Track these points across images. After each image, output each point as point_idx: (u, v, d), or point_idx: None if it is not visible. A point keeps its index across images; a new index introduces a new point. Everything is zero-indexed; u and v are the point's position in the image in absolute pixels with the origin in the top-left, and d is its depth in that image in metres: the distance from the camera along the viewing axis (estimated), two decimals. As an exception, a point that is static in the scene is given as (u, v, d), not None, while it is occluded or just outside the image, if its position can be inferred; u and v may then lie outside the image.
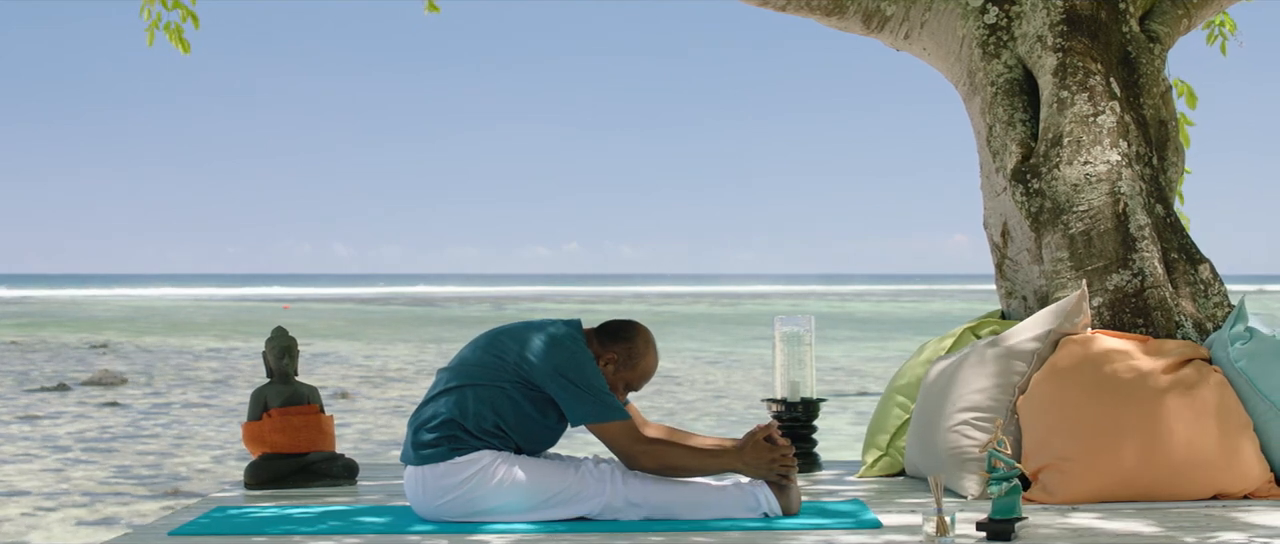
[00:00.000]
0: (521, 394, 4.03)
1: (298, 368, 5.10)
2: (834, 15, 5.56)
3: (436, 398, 4.09)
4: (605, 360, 4.14)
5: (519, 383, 4.03)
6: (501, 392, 4.03)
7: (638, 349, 4.17)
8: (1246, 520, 4.03)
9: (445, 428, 4.03)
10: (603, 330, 4.19)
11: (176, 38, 6.05)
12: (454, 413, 4.03)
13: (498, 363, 4.05)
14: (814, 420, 5.27)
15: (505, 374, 4.03)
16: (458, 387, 4.06)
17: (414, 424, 4.11)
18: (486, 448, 4.03)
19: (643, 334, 4.21)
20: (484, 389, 4.03)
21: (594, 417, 4.01)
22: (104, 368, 20.01)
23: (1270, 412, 4.45)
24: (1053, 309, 4.67)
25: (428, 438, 4.04)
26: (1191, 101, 6.85)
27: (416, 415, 4.12)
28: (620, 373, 4.16)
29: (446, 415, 4.03)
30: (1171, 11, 5.48)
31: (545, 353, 4.02)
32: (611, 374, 4.15)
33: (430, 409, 4.08)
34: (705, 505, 4.04)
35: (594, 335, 4.17)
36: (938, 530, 3.63)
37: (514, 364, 4.03)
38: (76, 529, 8.13)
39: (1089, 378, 4.43)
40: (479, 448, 4.02)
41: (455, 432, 4.02)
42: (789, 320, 5.31)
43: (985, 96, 5.34)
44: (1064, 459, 4.34)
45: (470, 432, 4.02)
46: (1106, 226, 4.98)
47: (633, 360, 4.17)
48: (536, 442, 4.12)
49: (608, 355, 4.14)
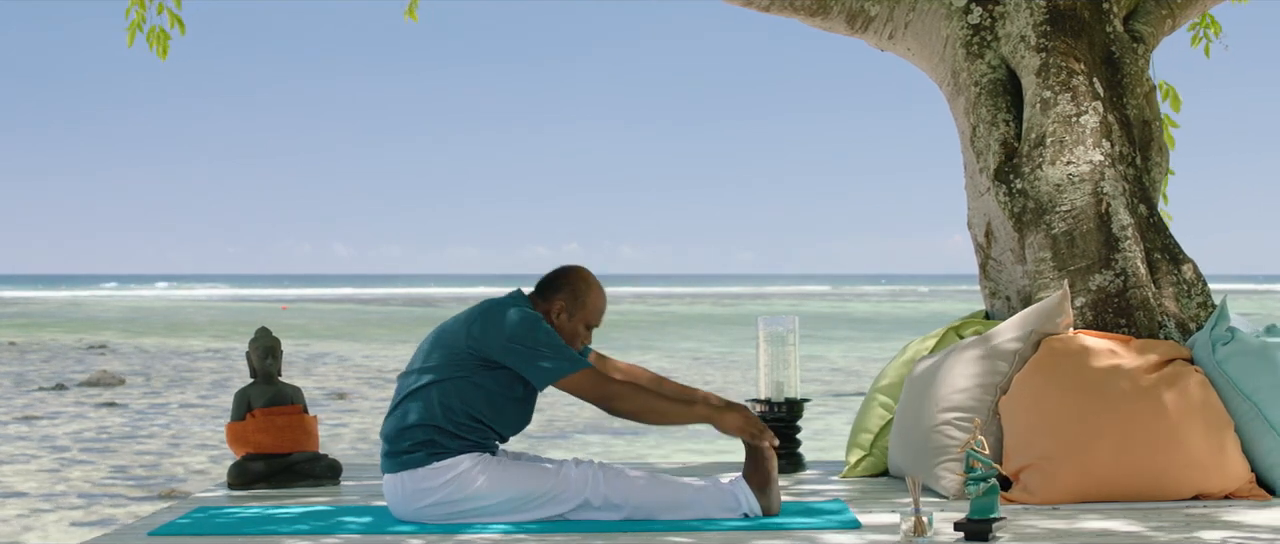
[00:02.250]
0: (484, 377, 4.02)
1: (281, 368, 5.12)
2: (818, 15, 5.56)
3: (402, 404, 4.08)
4: (554, 313, 4.14)
5: (479, 366, 4.02)
6: (465, 381, 4.02)
7: (579, 289, 4.17)
8: (1227, 520, 4.04)
9: (420, 432, 4.02)
10: (541, 287, 4.20)
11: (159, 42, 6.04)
12: (425, 416, 4.02)
13: (452, 355, 4.04)
14: (798, 420, 5.27)
15: (463, 363, 4.02)
16: (421, 388, 4.05)
17: (387, 433, 4.10)
18: (465, 451, 4.03)
19: (579, 273, 4.21)
20: (447, 383, 4.02)
21: (557, 372, 3.99)
22: (102, 368, 20.02)
23: (1252, 412, 4.46)
24: (1035, 309, 4.68)
25: (404, 445, 4.03)
26: (1175, 104, 6.86)
27: (387, 425, 4.11)
28: (574, 318, 4.16)
29: (418, 420, 4.02)
30: (1155, 12, 5.49)
31: (494, 327, 4.01)
32: (565, 323, 4.14)
33: (399, 416, 4.07)
34: (685, 506, 4.04)
35: (535, 296, 4.17)
36: (915, 530, 3.64)
37: (467, 350, 4.02)
38: (72, 531, 8.14)
39: (1071, 378, 4.44)
40: (458, 451, 4.03)
41: (432, 435, 4.02)
42: (773, 321, 5.32)
43: (969, 96, 5.35)
44: (1045, 459, 4.35)
45: (446, 430, 4.02)
46: (1089, 227, 4.99)
47: (579, 300, 4.16)
48: (513, 421, 4.11)
49: (555, 307, 4.14)
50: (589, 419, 13.91)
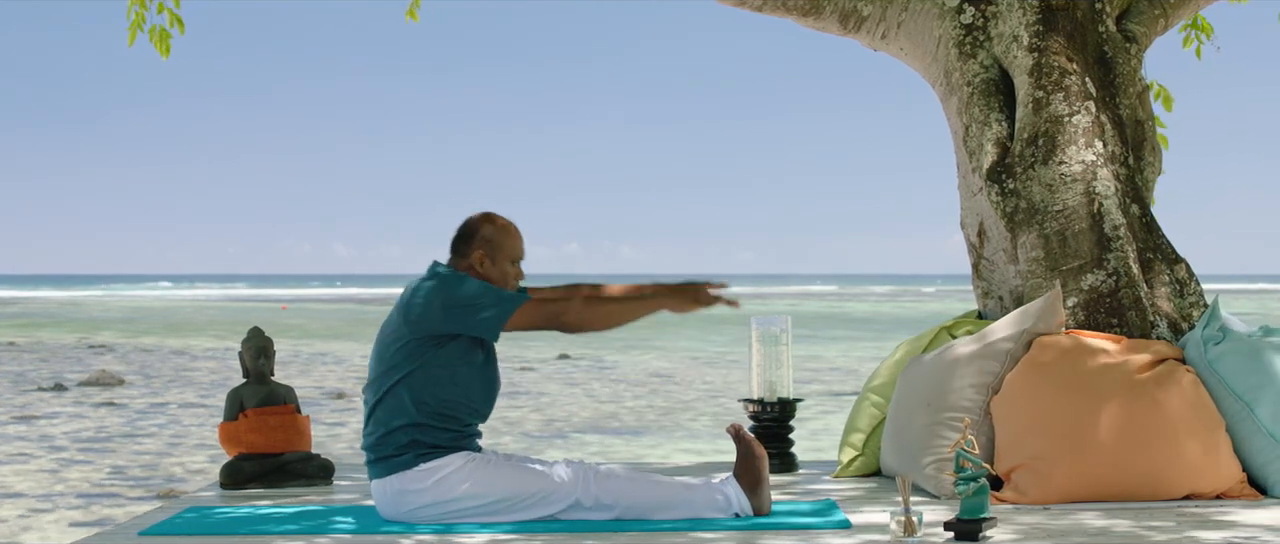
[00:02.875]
0: (441, 356, 4.00)
1: (274, 368, 5.12)
2: (810, 15, 5.57)
3: (375, 413, 4.06)
4: (476, 261, 4.13)
5: (431, 347, 4.00)
6: (425, 370, 4.00)
7: (490, 231, 4.16)
8: (1219, 519, 4.04)
9: (402, 434, 4.01)
10: (454, 247, 4.20)
11: (160, 41, 6.05)
12: (401, 416, 4.00)
13: (402, 349, 4.03)
14: (790, 420, 5.28)
15: (415, 352, 4.01)
16: (388, 391, 4.03)
17: (368, 444, 4.08)
18: (452, 449, 4.03)
19: (483, 217, 4.20)
20: (411, 377, 4.00)
21: (501, 315, 3.99)
22: (101, 368, 20.03)
23: (1243, 411, 4.46)
24: (1028, 309, 4.68)
25: (388, 450, 4.02)
26: (1167, 104, 6.86)
27: (367, 437, 4.09)
28: (498, 261, 4.15)
29: (396, 422, 4.01)
30: (1148, 11, 5.49)
31: (426, 302, 4.01)
32: (490, 267, 4.14)
33: (375, 424, 4.06)
34: (675, 505, 4.04)
35: (454, 258, 4.18)
36: (905, 530, 3.65)
37: (413, 337, 4.01)
38: (70, 531, 8.13)
39: (1063, 377, 4.44)
40: (445, 450, 4.02)
41: (413, 435, 4.00)
42: (765, 321, 5.32)
43: (961, 96, 5.35)
44: (1037, 459, 4.35)
45: (427, 426, 4.00)
46: (1082, 226, 4.99)
47: (496, 241, 4.16)
48: (483, 391, 4.08)
49: (474, 256, 4.14)
50: (587, 419, 13.92)
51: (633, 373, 19.71)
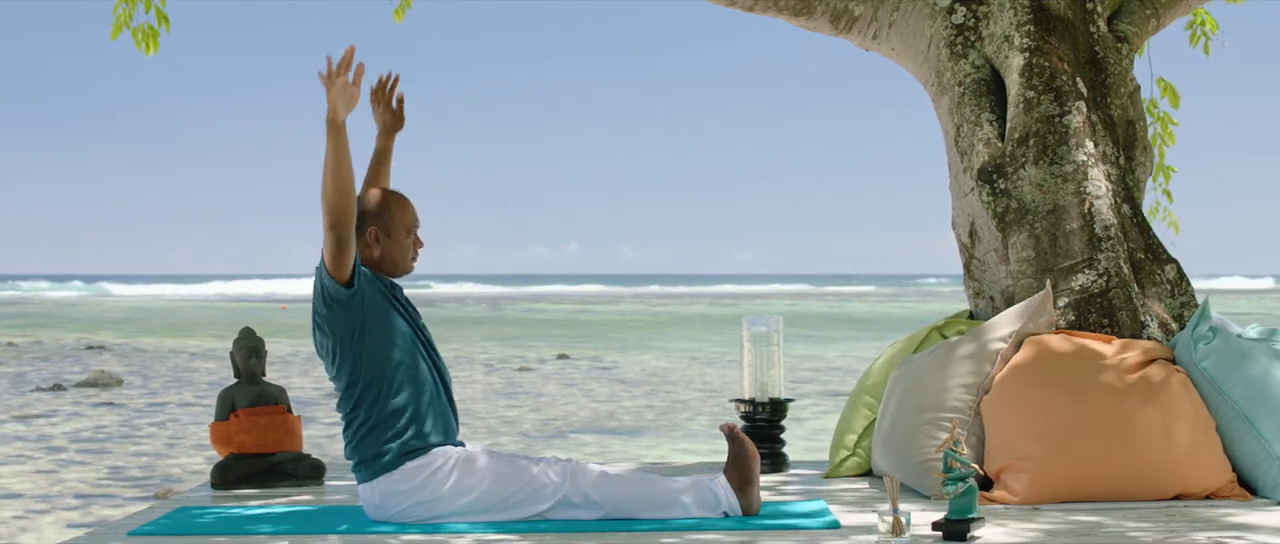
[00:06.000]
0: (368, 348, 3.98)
1: (265, 368, 5.12)
2: (802, 15, 5.57)
3: (349, 422, 4.06)
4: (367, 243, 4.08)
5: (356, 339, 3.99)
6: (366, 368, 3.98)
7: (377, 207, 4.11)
8: (1208, 519, 4.04)
9: (377, 436, 4.00)
10: None
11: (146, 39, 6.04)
12: (369, 423, 4.00)
13: (339, 353, 4.01)
14: (781, 420, 5.28)
15: (349, 351, 4.00)
16: (348, 395, 4.02)
17: (350, 452, 4.08)
18: (436, 447, 4.03)
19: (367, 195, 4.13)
20: (361, 377, 3.99)
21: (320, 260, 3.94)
22: (100, 368, 20.02)
23: (1233, 412, 4.47)
24: (1018, 309, 4.68)
25: (369, 453, 4.01)
26: (1174, 101, 6.85)
27: (347, 447, 4.09)
28: (393, 233, 4.10)
29: (371, 428, 4.00)
30: (1140, 11, 5.50)
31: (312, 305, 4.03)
32: (388, 241, 4.09)
33: (351, 433, 4.05)
34: (664, 504, 4.04)
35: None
36: (893, 531, 3.65)
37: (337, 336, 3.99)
38: (68, 532, 8.13)
39: (1052, 378, 4.44)
40: (429, 448, 4.02)
41: (391, 438, 3.99)
42: (757, 321, 5.33)
43: (953, 96, 5.35)
44: (1026, 459, 4.35)
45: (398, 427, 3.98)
46: (1073, 226, 4.99)
47: (385, 215, 4.10)
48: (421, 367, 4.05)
49: (366, 237, 4.08)
50: (585, 419, 13.92)
51: (631, 373, 19.71)
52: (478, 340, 28.19)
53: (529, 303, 60.01)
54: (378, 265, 4.13)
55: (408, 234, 4.15)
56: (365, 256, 4.11)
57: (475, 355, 23.42)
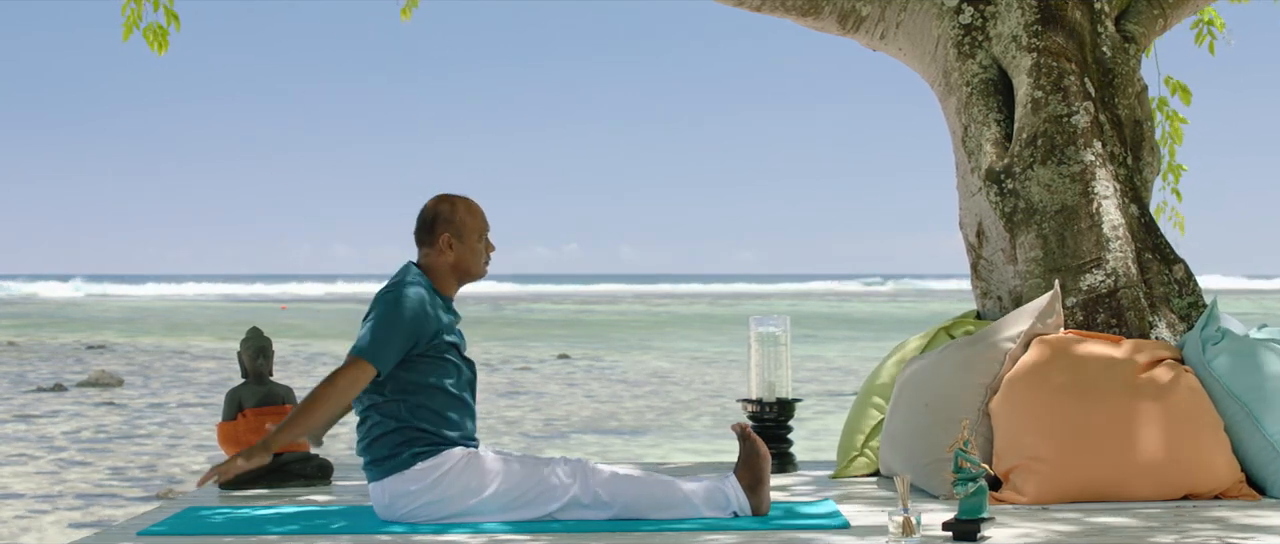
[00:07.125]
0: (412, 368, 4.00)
1: (272, 368, 5.12)
2: (809, 15, 5.57)
3: (367, 416, 4.06)
4: (444, 245, 4.10)
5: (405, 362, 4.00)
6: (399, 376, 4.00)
7: (449, 213, 4.13)
8: (1217, 519, 4.04)
9: (397, 435, 4.00)
10: (419, 237, 4.16)
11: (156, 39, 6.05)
12: (393, 421, 4.00)
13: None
14: (789, 420, 5.28)
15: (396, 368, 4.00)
16: (375, 395, 4.02)
17: (362, 447, 4.07)
18: (449, 445, 4.03)
19: (441, 199, 4.17)
20: (391, 382, 4.00)
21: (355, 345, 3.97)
22: (101, 368, 20.01)
23: (1241, 412, 4.46)
24: (1026, 309, 4.68)
25: (383, 451, 4.01)
26: (1186, 98, 6.84)
27: (360, 440, 4.09)
28: (465, 240, 4.12)
29: (391, 425, 4.00)
30: (1147, 12, 5.49)
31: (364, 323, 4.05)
32: (461, 247, 4.11)
33: (368, 427, 4.05)
34: (674, 504, 4.04)
35: (422, 247, 4.15)
36: (903, 530, 3.64)
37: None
38: (69, 532, 8.12)
39: (1061, 378, 4.44)
40: (443, 447, 4.02)
41: (408, 436, 3.99)
42: (764, 321, 5.32)
43: (960, 96, 5.35)
44: (1035, 459, 4.35)
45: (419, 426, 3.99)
46: (1080, 227, 4.99)
47: (457, 222, 4.13)
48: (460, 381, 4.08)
49: (440, 241, 4.10)
50: (587, 419, 13.92)
51: (632, 373, 19.71)
52: (478, 340, 28.20)
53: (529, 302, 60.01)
54: (452, 270, 4.14)
55: (479, 239, 4.17)
56: (438, 262, 4.11)
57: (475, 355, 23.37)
